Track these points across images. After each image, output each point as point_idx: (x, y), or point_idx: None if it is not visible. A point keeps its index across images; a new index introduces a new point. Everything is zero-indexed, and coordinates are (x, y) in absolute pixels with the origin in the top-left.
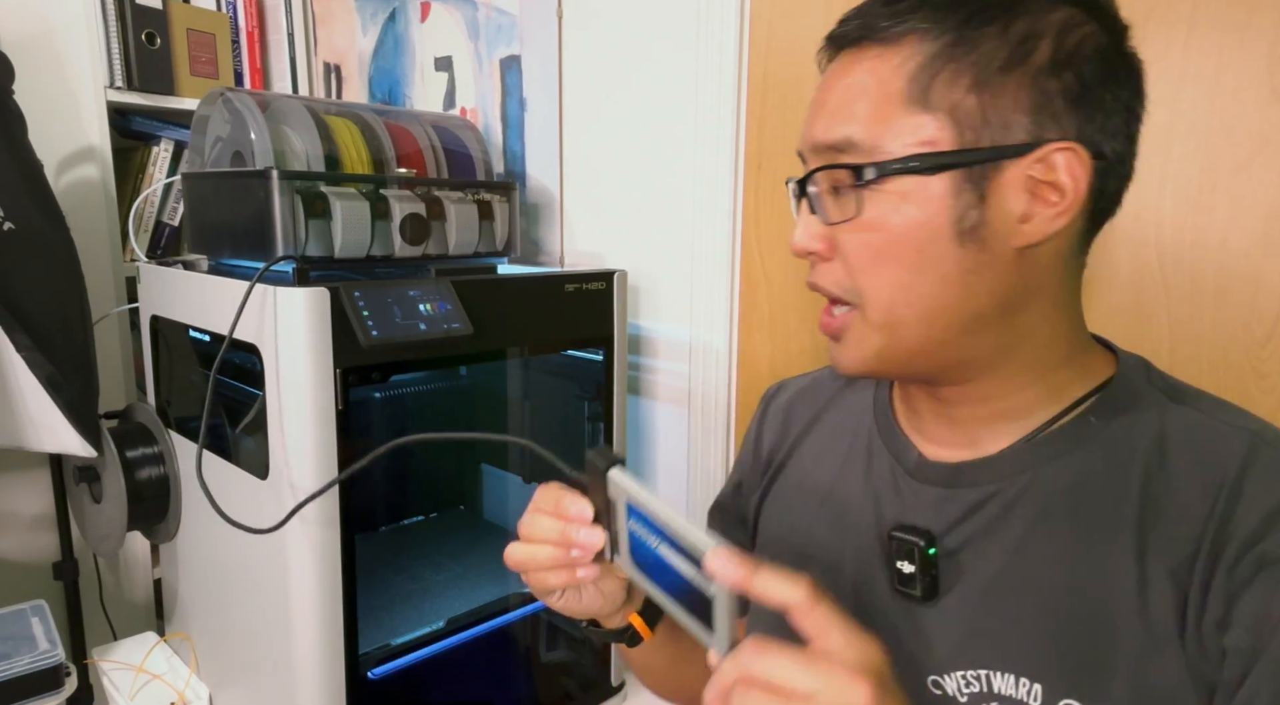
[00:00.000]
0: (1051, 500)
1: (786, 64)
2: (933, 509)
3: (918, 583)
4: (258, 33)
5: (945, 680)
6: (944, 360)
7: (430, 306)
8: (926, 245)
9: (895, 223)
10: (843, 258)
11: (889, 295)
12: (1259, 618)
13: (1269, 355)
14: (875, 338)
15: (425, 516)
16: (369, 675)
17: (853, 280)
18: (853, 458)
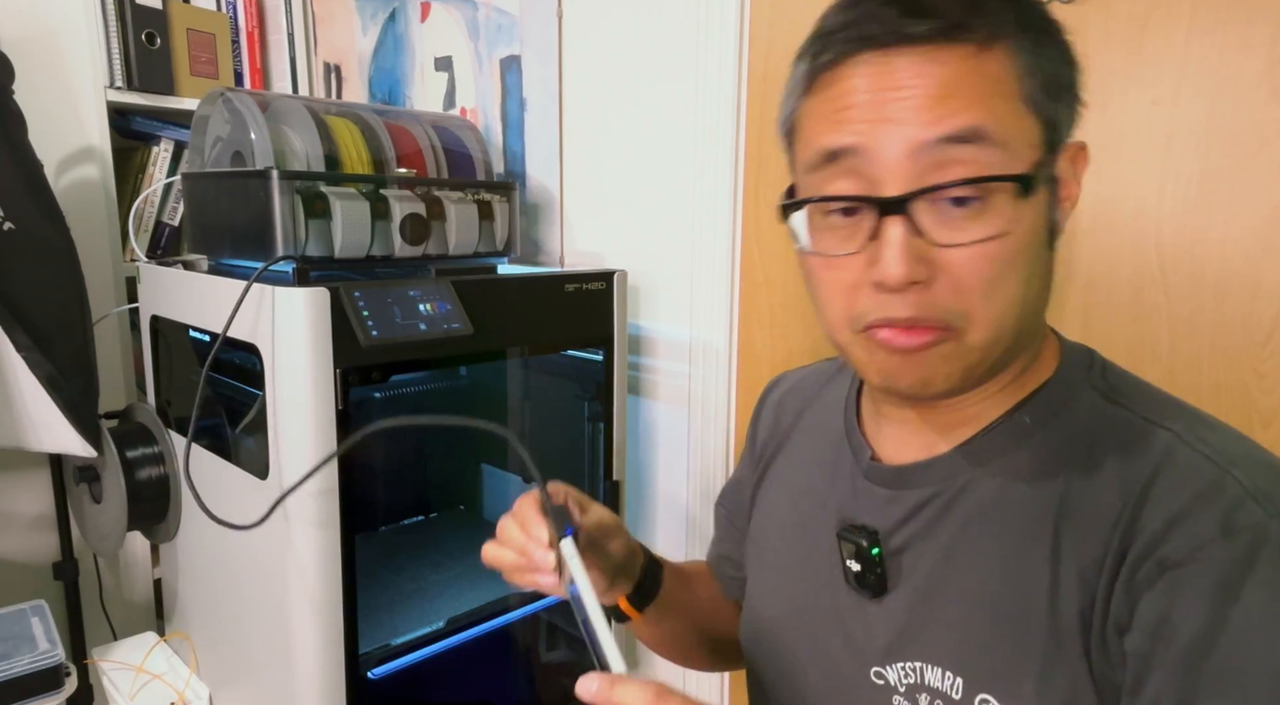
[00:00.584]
0: (982, 503)
1: (786, 64)
2: (880, 509)
3: (865, 580)
4: (258, 33)
5: (887, 671)
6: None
7: (430, 306)
8: (1038, 252)
9: (1028, 234)
10: (950, 280)
11: (1000, 312)
12: (1158, 621)
13: (1269, 355)
14: (968, 358)
15: (425, 516)
16: (369, 675)
17: (962, 303)
18: (825, 456)
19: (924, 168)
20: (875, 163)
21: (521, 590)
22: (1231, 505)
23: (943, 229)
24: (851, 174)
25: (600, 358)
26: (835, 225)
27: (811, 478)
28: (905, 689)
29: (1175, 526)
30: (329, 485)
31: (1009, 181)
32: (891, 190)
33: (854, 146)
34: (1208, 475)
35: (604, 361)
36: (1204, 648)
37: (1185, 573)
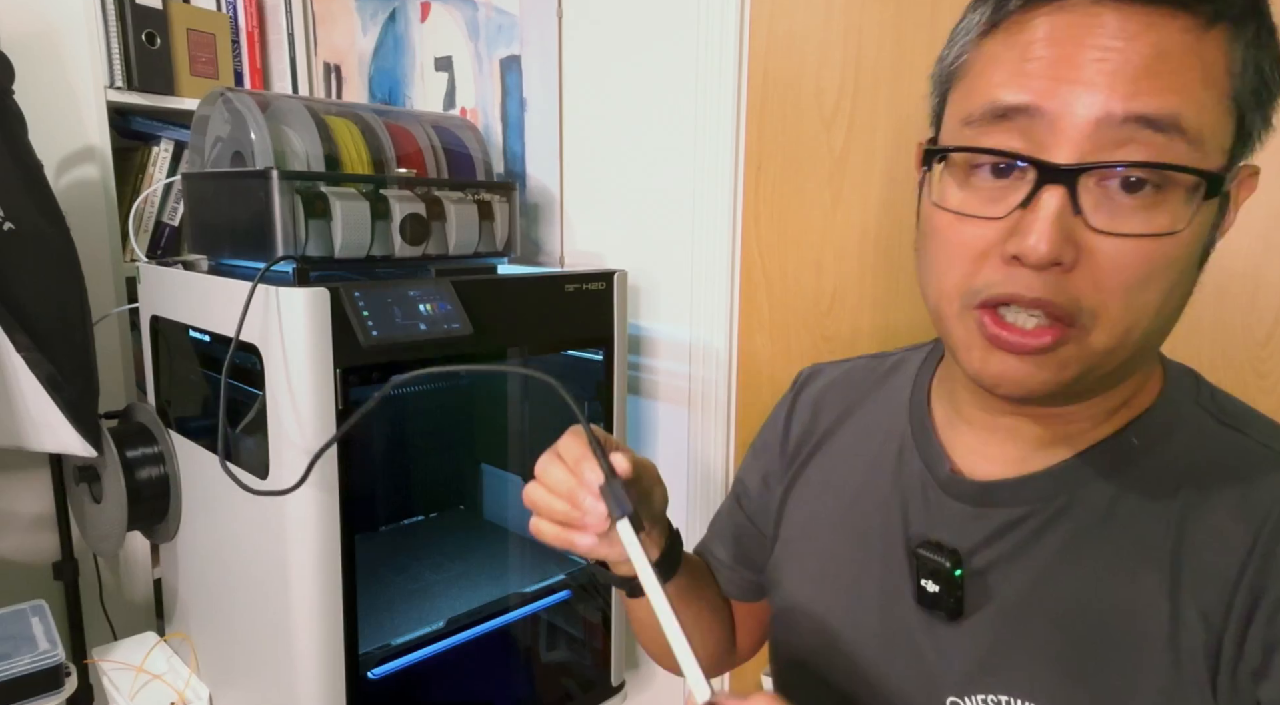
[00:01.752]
0: (1085, 524)
1: (786, 64)
2: (961, 526)
3: (943, 602)
4: (258, 33)
5: (964, 702)
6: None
7: (430, 306)
8: (1190, 267)
9: (1192, 241)
10: (1095, 271)
11: (1135, 319)
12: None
13: (1269, 355)
14: (1088, 361)
15: (425, 516)
16: (369, 675)
17: (1099, 298)
18: (883, 460)
19: (1103, 142)
20: (1052, 125)
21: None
22: None
23: (1104, 213)
24: (1018, 134)
25: (600, 358)
26: (980, 184)
27: (870, 490)
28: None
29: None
30: (329, 485)
31: (1199, 176)
32: (1062, 157)
33: (1032, 106)
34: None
35: (604, 361)
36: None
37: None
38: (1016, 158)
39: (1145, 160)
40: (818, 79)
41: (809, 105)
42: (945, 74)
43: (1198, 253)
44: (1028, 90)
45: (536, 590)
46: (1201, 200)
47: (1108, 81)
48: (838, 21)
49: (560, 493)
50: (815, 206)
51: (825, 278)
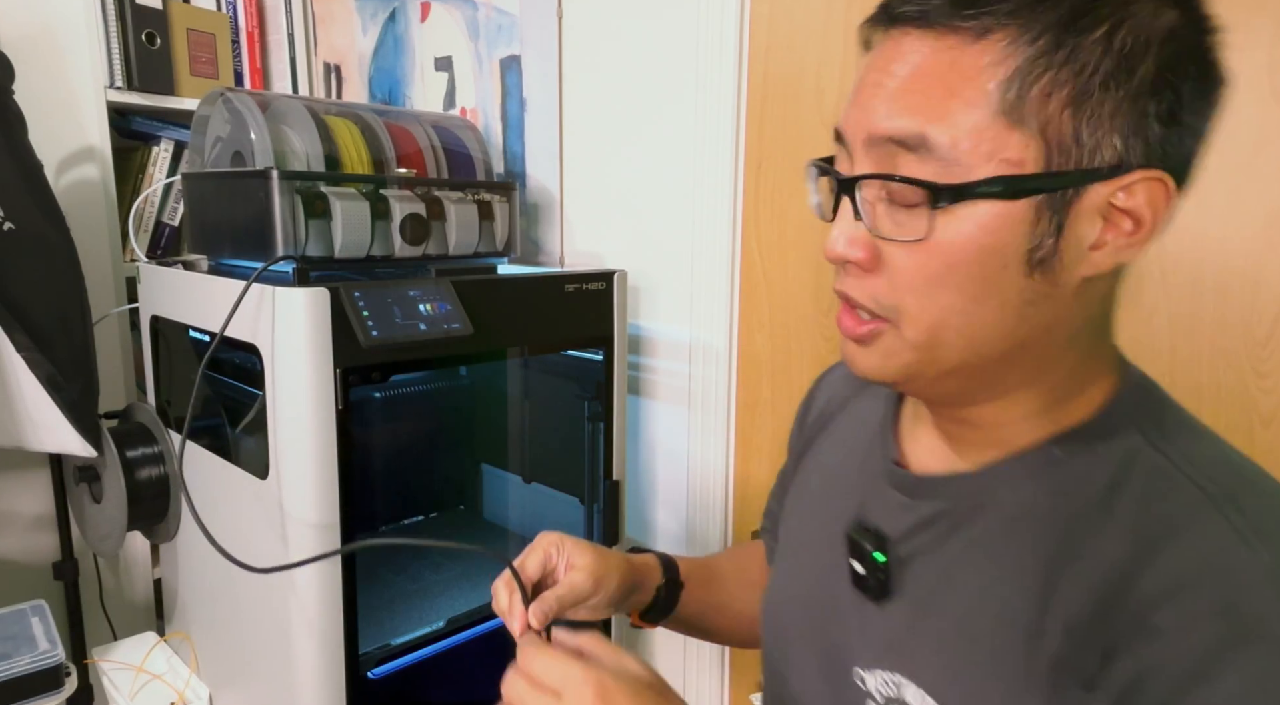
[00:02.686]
0: (991, 528)
1: (786, 64)
2: (895, 515)
3: (868, 583)
4: (258, 33)
5: (868, 676)
6: (967, 386)
7: (430, 306)
8: (994, 274)
9: (965, 249)
10: (889, 274)
11: (937, 318)
12: (1127, 688)
13: (1269, 355)
14: (908, 355)
15: (425, 516)
16: (369, 675)
17: (896, 298)
18: (858, 448)
19: (877, 159)
20: (850, 145)
21: None
22: (1243, 587)
23: (885, 222)
24: (842, 153)
25: (600, 358)
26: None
27: (845, 466)
28: (883, 700)
29: (1175, 596)
30: (329, 485)
31: (924, 187)
32: (848, 172)
33: (841, 131)
34: (1226, 548)
35: (604, 361)
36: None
37: (1168, 644)
38: (821, 167)
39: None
40: (818, 79)
41: (809, 105)
42: None
43: (996, 259)
44: (842, 120)
45: None
46: (931, 209)
47: (874, 105)
48: (838, 21)
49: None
50: None
51: (825, 278)
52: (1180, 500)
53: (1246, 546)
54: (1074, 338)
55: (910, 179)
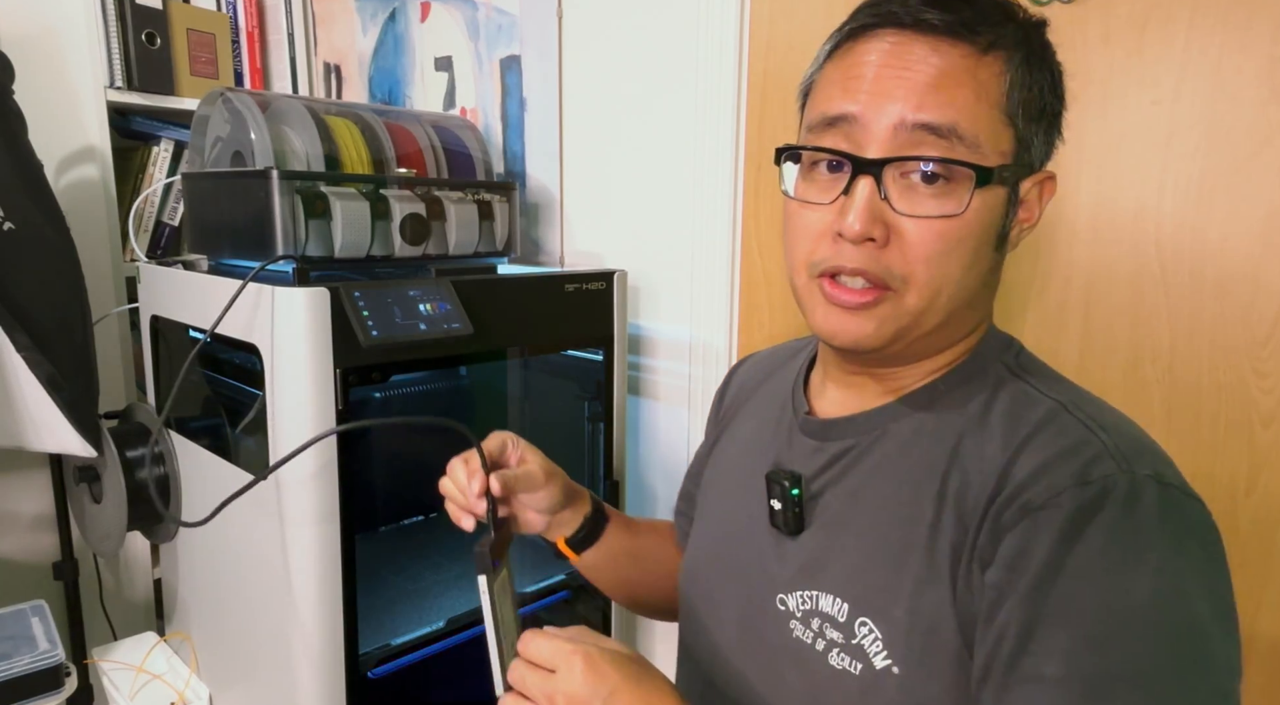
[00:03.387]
0: (889, 452)
1: (786, 64)
2: (808, 458)
3: (784, 518)
4: (258, 33)
5: (788, 598)
6: (926, 343)
7: (430, 306)
8: (983, 247)
9: (976, 225)
10: (901, 247)
11: (939, 286)
12: (1014, 557)
13: (1269, 355)
14: (904, 319)
15: (425, 516)
16: (369, 675)
17: (908, 268)
18: (771, 416)
19: (901, 143)
20: (865, 130)
21: (528, 590)
22: (1091, 459)
23: (905, 200)
24: (843, 137)
25: (600, 358)
26: (819, 179)
27: (759, 435)
28: (801, 614)
29: (1040, 475)
30: (329, 485)
31: (969, 169)
32: (870, 154)
33: (852, 114)
34: (1077, 434)
35: (604, 361)
36: (1048, 579)
37: (1041, 514)
38: (837, 154)
39: (929, 155)
40: None
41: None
42: (802, 91)
43: (987, 236)
44: (850, 102)
45: (536, 590)
46: (975, 188)
47: (902, 95)
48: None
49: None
50: None
51: None
52: (1040, 409)
53: (1093, 434)
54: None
55: (966, 162)
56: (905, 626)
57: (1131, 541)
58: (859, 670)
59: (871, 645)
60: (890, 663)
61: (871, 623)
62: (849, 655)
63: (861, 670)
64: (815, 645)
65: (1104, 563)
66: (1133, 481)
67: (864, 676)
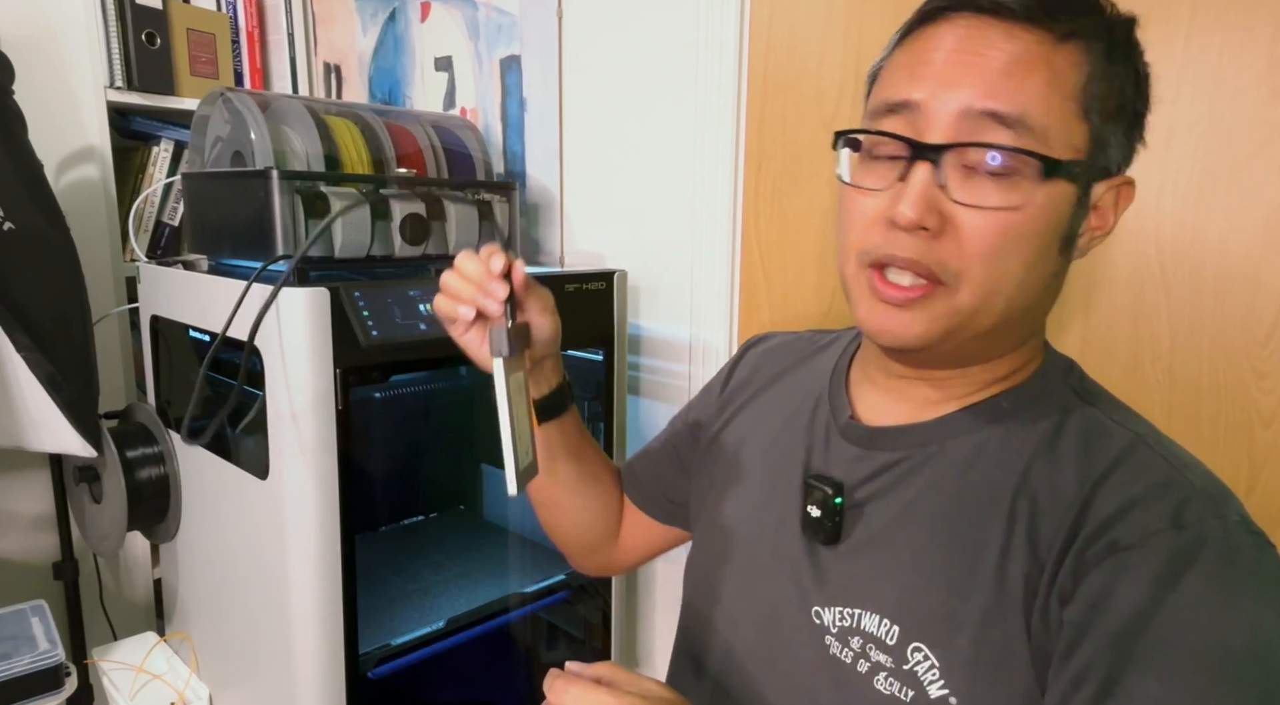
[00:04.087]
0: (948, 469)
1: (786, 64)
2: (850, 465)
3: (822, 527)
4: (258, 33)
5: (824, 612)
6: (981, 349)
7: (430, 306)
8: (1047, 247)
9: (1040, 221)
10: (957, 240)
11: (995, 284)
12: (1099, 596)
13: (1269, 355)
14: (955, 318)
15: (425, 516)
16: (369, 675)
17: (962, 263)
18: (801, 412)
19: (965, 130)
20: (926, 116)
21: (527, 590)
22: (1181, 501)
23: (965, 189)
24: (905, 124)
25: (600, 358)
26: (875, 165)
27: (785, 434)
28: (838, 631)
29: (1128, 513)
30: (329, 485)
31: (1034, 159)
32: (931, 140)
33: (912, 101)
34: (1162, 472)
35: (604, 361)
36: (1140, 624)
37: (1132, 555)
38: (895, 138)
39: (994, 142)
40: (818, 80)
41: (809, 106)
42: (869, 80)
43: (1052, 235)
44: (916, 90)
45: (536, 590)
46: (1040, 180)
47: (970, 82)
48: (838, 22)
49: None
50: (815, 206)
51: (825, 277)
52: (1116, 440)
53: (1173, 469)
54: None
55: (1031, 151)
56: (969, 656)
57: (1228, 592)
58: (910, 697)
59: (926, 673)
60: (947, 693)
61: (927, 649)
62: (899, 681)
63: (913, 698)
64: (857, 666)
65: (1200, 612)
66: (1226, 529)
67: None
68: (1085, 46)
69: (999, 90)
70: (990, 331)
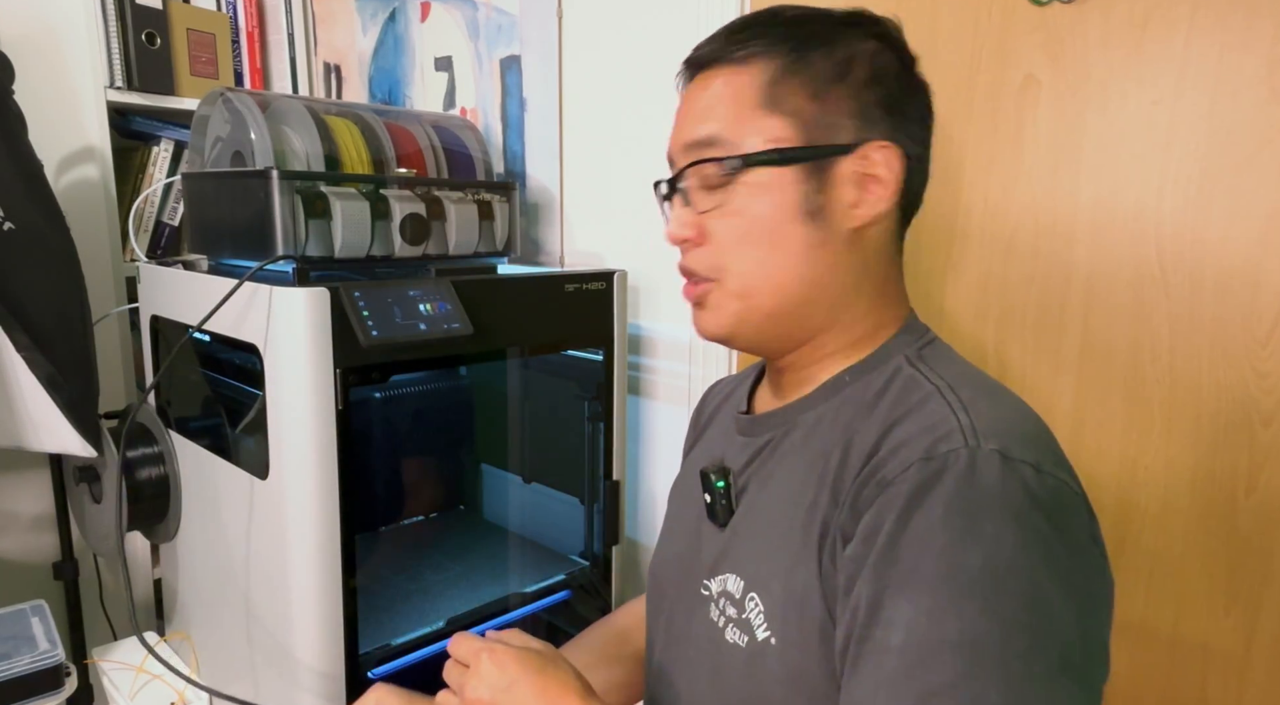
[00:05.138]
0: (795, 442)
1: None
2: (738, 453)
3: (715, 510)
4: (258, 33)
5: (711, 583)
6: (785, 327)
7: (430, 306)
8: (780, 226)
9: (755, 207)
10: (712, 241)
11: (748, 268)
12: (868, 530)
13: (1269, 355)
14: (733, 304)
15: (425, 516)
16: (369, 675)
17: (720, 259)
18: (725, 421)
19: (681, 163)
20: (673, 161)
21: (527, 590)
22: (941, 436)
23: (701, 201)
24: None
25: (600, 358)
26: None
27: (714, 437)
28: (716, 596)
29: (896, 452)
30: (329, 485)
31: (727, 161)
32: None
33: (668, 154)
34: (939, 415)
35: (604, 361)
36: (892, 550)
37: (891, 489)
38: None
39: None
40: None
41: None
42: None
43: (785, 215)
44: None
45: (536, 590)
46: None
47: (683, 123)
48: None
49: None
50: None
51: None
52: (919, 393)
53: (954, 414)
54: (858, 285)
55: (708, 158)
56: (781, 599)
57: (967, 514)
58: (745, 642)
59: (755, 618)
60: (769, 634)
61: (758, 597)
62: (739, 629)
63: (748, 642)
64: (719, 623)
65: (940, 533)
66: (973, 455)
67: (749, 648)
68: (766, 58)
69: (697, 123)
70: (779, 310)
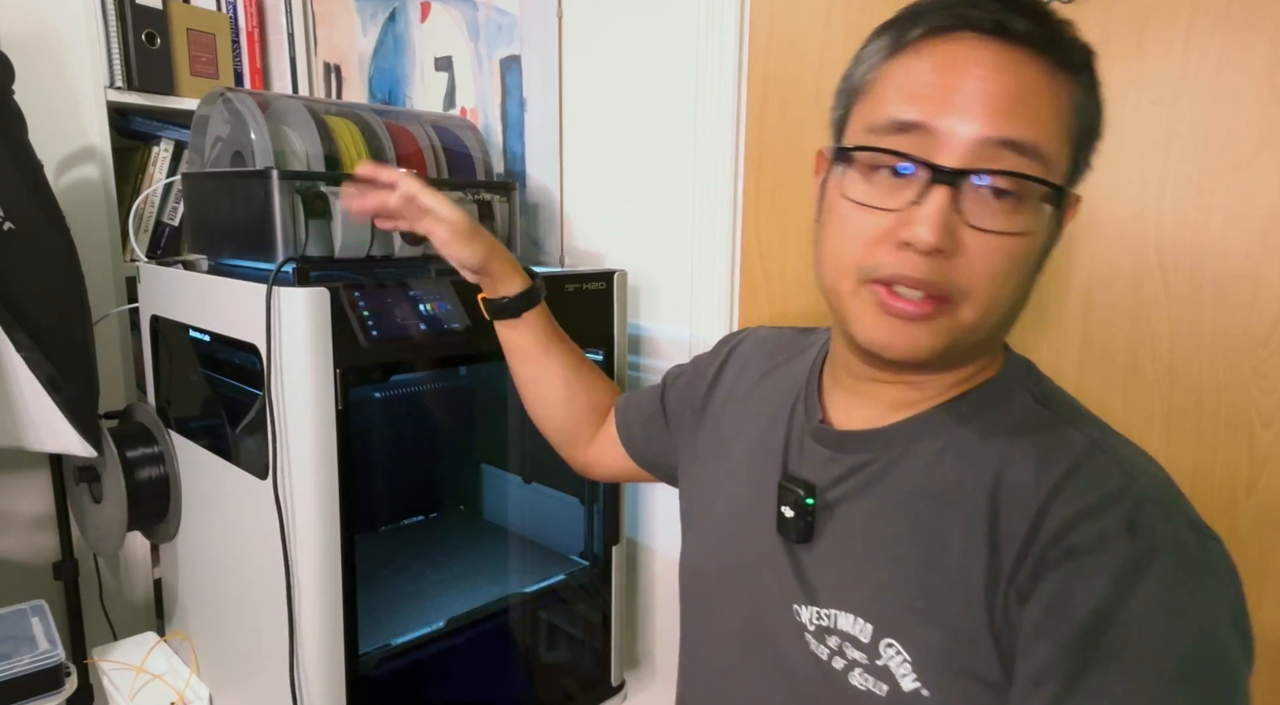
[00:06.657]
0: (912, 473)
1: (786, 65)
2: (821, 467)
3: (793, 526)
4: (258, 33)
5: (802, 610)
6: (964, 355)
7: (430, 306)
8: (1035, 265)
9: (1031, 243)
10: (968, 259)
11: (995, 301)
12: (1057, 597)
13: (1269, 355)
14: (957, 333)
15: (425, 516)
16: (369, 675)
17: (971, 282)
18: (781, 414)
19: (979, 157)
20: (939, 140)
21: (527, 590)
22: (1135, 508)
23: (979, 213)
24: (914, 144)
25: (600, 358)
26: (880, 182)
27: (768, 435)
28: (815, 629)
29: (1086, 519)
30: (329, 485)
31: (1048, 187)
32: (948, 164)
33: (924, 123)
34: (1117, 480)
35: (604, 361)
36: (1100, 626)
37: (1090, 560)
38: (917, 161)
39: (1016, 171)
40: (818, 80)
41: (809, 107)
42: (851, 90)
43: (1042, 255)
44: (924, 112)
45: (536, 590)
46: (1044, 206)
47: (984, 110)
48: (838, 24)
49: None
50: None
51: None
52: (1073, 445)
53: (1127, 475)
54: None
55: (1036, 177)
56: (939, 649)
57: (1181, 594)
58: (885, 692)
59: (899, 667)
60: (919, 685)
61: (899, 645)
62: (874, 676)
63: (888, 692)
64: (833, 662)
65: (1156, 615)
66: (1176, 534)
67: (890, 698)
68: (1074, 78)
69: (1015, 118)
70: (978, 344)
